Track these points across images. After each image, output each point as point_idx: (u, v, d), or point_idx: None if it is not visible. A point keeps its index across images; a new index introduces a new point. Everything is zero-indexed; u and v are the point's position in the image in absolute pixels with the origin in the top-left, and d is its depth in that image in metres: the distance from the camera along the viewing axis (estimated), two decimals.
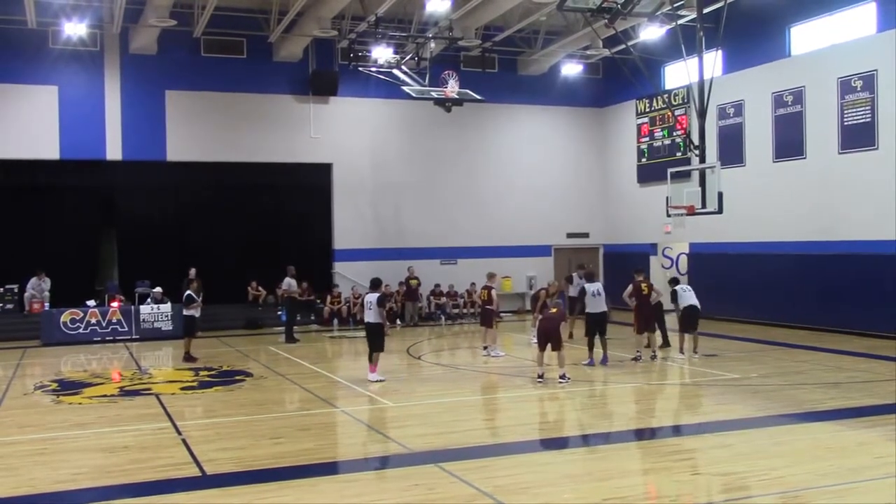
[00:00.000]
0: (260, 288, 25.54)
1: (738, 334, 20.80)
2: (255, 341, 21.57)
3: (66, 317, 21.88)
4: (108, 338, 21.97)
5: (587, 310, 16.50)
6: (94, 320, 22.05)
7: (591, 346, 16.30)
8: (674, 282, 18.11)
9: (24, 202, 24.50)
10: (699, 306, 17.18)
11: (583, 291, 16.79)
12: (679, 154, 25.82)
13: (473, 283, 26.46)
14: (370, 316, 14.67)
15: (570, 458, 9.92)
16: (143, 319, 22.38)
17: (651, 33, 23.35)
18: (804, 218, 21.92)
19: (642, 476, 8.97)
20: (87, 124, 24.14)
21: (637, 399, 13.54)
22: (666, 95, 26.35)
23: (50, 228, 24.58)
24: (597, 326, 16.30)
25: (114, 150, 24.47)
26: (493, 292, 18.09)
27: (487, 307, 18.04)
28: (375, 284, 15.09)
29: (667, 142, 26.87)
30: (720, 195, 17.52)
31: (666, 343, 17.80)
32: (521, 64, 28.60)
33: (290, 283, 21.38)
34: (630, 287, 16.87)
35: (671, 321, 18.24)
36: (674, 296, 17.36)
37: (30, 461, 9.70)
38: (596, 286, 16.58)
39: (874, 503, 7.76)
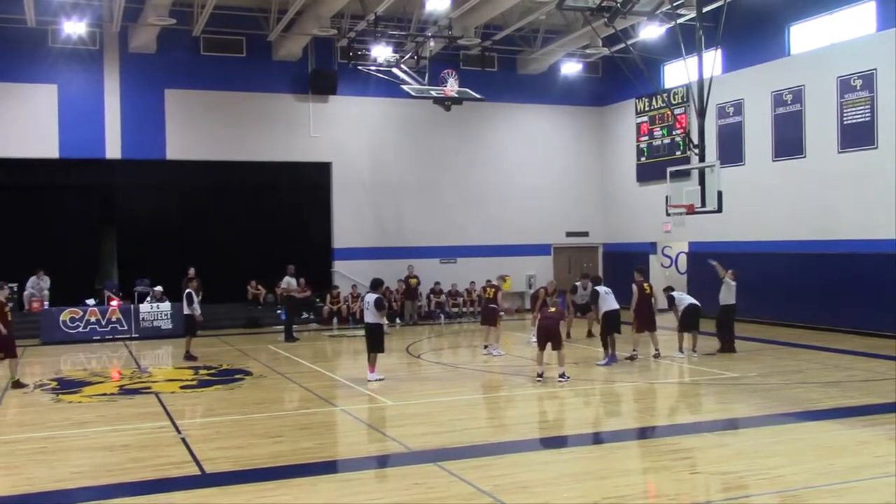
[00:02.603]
0: (259, 287, 25.55)
1: (737, 333, 20.71)
2: (255, 340, 21.56)
3: (65, 315, 21.89)
4: (107, 336, 21.99)
5: (605, 309, 16.44)
6: (93, 319, 22.06)
7: (605, 345, 16.31)
8: (669, 288, 18.16)
9: (23, 201, 24.46)
10: (699, 305, 17.24)
11: (596, 294, 16.78)
12: (678, 153, 25.82)
13: (473, 282, 26.48)
14: (369, 317, 14.65)
15: (570, 456, 9.90)
16: (143, 318, 22.40)
17: (650, 32, 23.35)
18: (803, 217, 21.92)
19: (641, 475, 8.97)
20: (86, 123, 24.12)
21: (636, 398, 13.55)
22: (665, 94, 26.37)
23: (49, 227, 24.57)
24: (614, 324, 16.34)
25: (113, 149, 24.46)
26: (500, 293, 18.10)
27: (491, 305, 18.04)
28: (375, 285, 15.01)
29: (666, 141, 26.86)
30: (719, 194, 17.52)
31: (731, 348, 17.57)
32: (520, 63, 28.59)
33: (289, 281, 21.40)
34: (636, 293, 16.77)
35: (668, 321, 18.24)
36: (671, 301, 17.39)
37: (29, 460, 9.71)
38: (605, 288, 16.71)
39: (874, 502, 7.76)
